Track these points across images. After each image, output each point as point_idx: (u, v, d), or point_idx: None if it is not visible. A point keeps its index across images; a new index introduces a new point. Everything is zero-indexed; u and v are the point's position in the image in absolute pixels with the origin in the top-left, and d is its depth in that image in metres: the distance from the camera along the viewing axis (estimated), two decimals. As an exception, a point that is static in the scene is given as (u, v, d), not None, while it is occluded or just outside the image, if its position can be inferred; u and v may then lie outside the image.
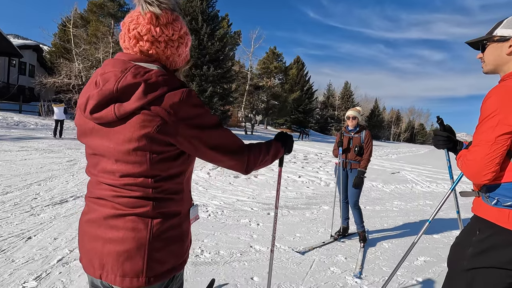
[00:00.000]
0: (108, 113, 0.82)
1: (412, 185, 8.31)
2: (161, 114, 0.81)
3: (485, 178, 1.11)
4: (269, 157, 1.13)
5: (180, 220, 0.94)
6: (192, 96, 0.86)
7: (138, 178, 0.85)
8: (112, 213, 0.86)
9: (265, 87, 32.75)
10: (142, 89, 0.81)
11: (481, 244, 1.14)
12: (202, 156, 0.93)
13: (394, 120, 78.04)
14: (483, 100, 1.15)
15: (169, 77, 0.87)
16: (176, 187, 0.93)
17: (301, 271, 2.73)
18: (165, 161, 0.87)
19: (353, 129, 3.67)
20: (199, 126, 0.87)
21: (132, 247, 0.84)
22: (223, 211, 4.36)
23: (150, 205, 0.86)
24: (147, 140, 0.82)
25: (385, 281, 2.43)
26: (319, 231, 3.90)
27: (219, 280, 2.44)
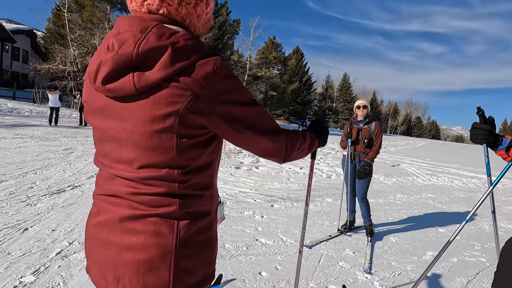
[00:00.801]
0: (125, 84, 0.65)
1: (413, 178, 8.27)
2: (192, 87, 0.65)
3: None
4: (306, 146, 0.96)
5: (209, 221, 0.79)
6: (226, 65, 0.70)
7: (162, 170, 0.70)
8: (129, 213, 0.70)
9: (263, 77, 32.36)
10: (169, 54, 0.64)
11: None
12: (239, 139, 0.76)
13: (392, 113, 78.10)
14: None
15: (199, 43, 0.71)
16: (206, 181, 0.77)
17: (309, 266, 2.64)
18: (195, 148, 0.71)
19: (363, 119, 3.53)
20: (236, 102, 0.71)
21: (155, 255, 0.68)
22: (226, 202, 4.26)
23: (176, 204, 0.71)
24: (175, 120, 0.66)
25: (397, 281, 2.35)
26: (325, 224, 3.82)
27: (226, 275, 2.34)
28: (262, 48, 35.17)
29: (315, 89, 50.57)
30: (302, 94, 43.34)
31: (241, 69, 29.84)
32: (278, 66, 37.10)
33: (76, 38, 20.01)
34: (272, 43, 35.74)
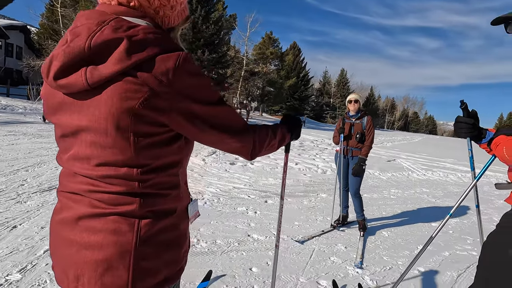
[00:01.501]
0: (77, 79, 0.62)
1: (408, 172, 8.30)
2: (149, 83, 0.62)
3: None
4: (276, 142, 0.96)
5: (176, 219, 0.77)
6: (191, 61, 0.67)
7: (121, 168, 0.67)
8: (88, 212, 0.68)
9: (260, 73, 32.24)
10: (124, 47, 0.61)
11: None
12: (203, 138, 0.75)
13: (389, 108, 78.26)
14: None
15: (163, 37, 0.68)
16: (171, 180, 0.75)
17: (300, 261, 2.64)
18: (155, 147, 0.69)
19: (355, 114, 3.52)
20: (200, 101, 0.69)
21: (113, 254, 0.67)
22: (219, 198, 4.24)
23: (136, 203, 0.69)
24: (130, 117, 0.63)
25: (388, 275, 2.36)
26: (318, 219, 3.82)
27: (216, 271, 2.33)
28: (259, 43, 34.99)
29: (312, 84, 50.48)
30: (300, 89, 43.22)
31: (237, 64, 29.70)
32: (275, 62, 36.96)
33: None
34: (269, 38, 35.55)
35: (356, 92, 51.38)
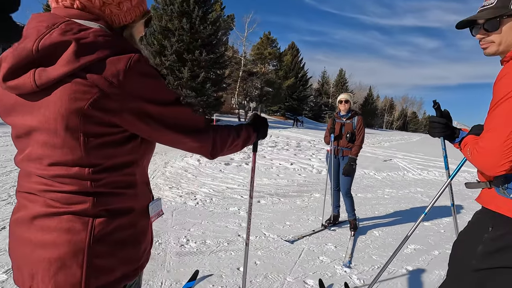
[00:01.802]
0: (26, 81, 0.63)
1: (403, 172, 8.32)
2: (99, 84, 0.63)
3: (502, 168, 0.96)
4: (240, 141, 0.98)
5: (133, 218, 0.78)
6: (143, 63, 0.68)
7: (72, 168, 0.68)
8: (43, 211, 0.69)
9: (259, 73, 32.24)
10: (73, 49, 0.62)
11: (495, 242, 1.02)
12: (159, 138, 0.76)
13: (388, 108, 78.39)
14: (496, 79, 1.00)
15: (114, 39, 0.69)
16: (126, 180, 0.76)
17: (289, 261, 2.65)
18: (106, 147, 0.70)
19: (345, 114, 3.53)
20: (154, 101, 0.70)
21: (67, 252, 0.68)
22: (211, 199, 4.25)
23: (89, 202, 0.70)
24: (79, 117, 0.65)
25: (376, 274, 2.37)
26: (310, 219, 3.83)
27: (204, 271, 2.34)
28: (257, 43, 35.00)
29: (311, 84, 50.52)
30: (298, 90, 43.25)
31: (235, 65, 29.71)
32: (274, 62, 36.97)
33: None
34: (267, 38, 35.57)
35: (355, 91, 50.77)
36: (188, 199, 4.12)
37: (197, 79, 19.36)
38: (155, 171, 5.64)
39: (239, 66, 29.87)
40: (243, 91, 31.05)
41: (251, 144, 1.15)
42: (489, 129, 1.00)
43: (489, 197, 1.09)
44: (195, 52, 19.45)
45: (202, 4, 20.71)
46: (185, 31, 19.45)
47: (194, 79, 19.43)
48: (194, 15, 19.67)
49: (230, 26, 30.88)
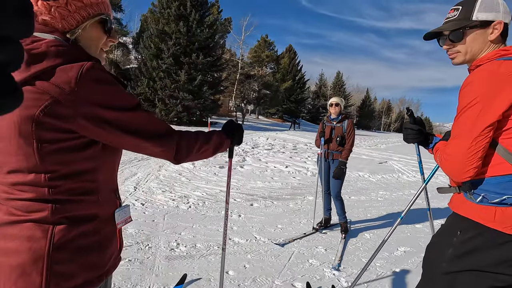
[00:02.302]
0: None
1: (398, 174, 8.36)
2: (50, 91, 0.65)
3: (467, 175, 0.99)
4: (209, 147, 0.98)
5: (97, 225, 0.79)
6: (97, 69, 0.70)
7: (28, 175, 0.70)
8: (6, 219, 0.71)
9: (256, 76, 32.36)
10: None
11: (464, 246, 1.04)
12: (119, 143, 0.77)
13: (385, 110, 78.73)
14: (461, 87, 1.03)
15: (68, 49, 0.71)
16: (86, 186, 0.77)
17: (278, 264, 2.67)
18: (62, 153, 0.71)
19: (336, 117, 3.56)
20: (110, 106, 0.71)
21: (26, 260, 0.69)
22: (204, 202, 4.26)
23: (48, 209, 0.71)
24: (31, 124, 0.66)
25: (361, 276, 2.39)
26: (302, 222, 3.85)
27: (192, 275, 2.35)
28: (255, 46, 35.16)
29: (308, 87, 50.72)
30: (296, 92, 43.39)
31: (233, 68, 29.81)
32: (271, 65, 37.13)
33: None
34: (265, 41, 35.74)
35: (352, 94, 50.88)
36: (180, 203, 4.13)
37: (194, 82, 19.40)
38: (149, 175, 5.65)
39: (237, 69, 29.97)
40: (240, 94, 31.13)
41: (225, 150, 1.16)
42: (454, 136, 1.03)
43: (459, 202, 1.12)
44: (192, 55, 19.52)
45: (199, 8, 20.81)
46: (182, 34, 19.52)
47: (191, 82, 19.47)
48: (191, 18, 19.76)
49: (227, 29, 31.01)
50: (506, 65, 0.98)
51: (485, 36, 1.07)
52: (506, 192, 0.97)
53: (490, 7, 1.06)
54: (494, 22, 1.05)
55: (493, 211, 1.00)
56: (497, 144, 0.99)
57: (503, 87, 0.94)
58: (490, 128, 0.96)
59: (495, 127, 0.97)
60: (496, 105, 0.94)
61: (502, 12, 1.05)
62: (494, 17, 1.05)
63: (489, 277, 1.00)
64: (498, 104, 0.94)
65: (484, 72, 0.99)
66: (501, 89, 0.94)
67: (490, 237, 0.99)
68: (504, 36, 1.08)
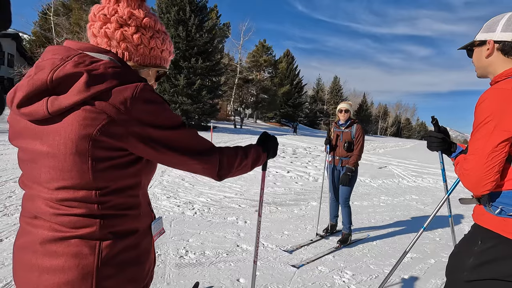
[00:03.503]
0: (39, 108, 0.67)
1: (398, 179, 8.41)
2: (107, 111, 0.68)
3: (485, 188, 1.04)
4: (248, 162, 1.00)
5: (137, 239, 0.80)
6: (149, 91, 0.73)
7: (79, 191, 0.71)
8: (50, 236, 0.71)
9: (254, 80, 32.50)
10: (84, 80, 0.67)
11: (484, 255, 1.08)
12: (165, 160, 0.79)
13: (382, 114, 79.29)
14: (476, 104, 1.09)
15: (123, 70, 0.74)
16: (130, 201, 0.79)
17: (288, 271, 2.67)
18: (113, 170, 0.73)
19: (344, 123, 3.53)
20: (159, 126, 0.74)
21: (76, 277, 0.70)
22: (209, 208, 4.26)
23: (96, 225, 0.73)
24: (88, 142, 0.68)
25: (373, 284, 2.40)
26: (307, 228, 3.86)
27: (204, 282, 2.35)
28: (253, 51, 35.36)
29: (306, 91, 51.04)
30: (293, 96, 43.63)
31: (231, 72, 29.91)
32: (269, 69, 37.34)
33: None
34: (263, 46, 35.97)
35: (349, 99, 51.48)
36: (186, 209, 4.12)
37: (193, 86, 19.45)
38: (152, 180, 5.63)
39: (235, 73, 30.08)
40: (238, 98, 31.22)
41: (262, 164, 1.17)
42: (471, 152, 1.08)
43: (479, 213, 1.17)
44: (191, 60, 19.59)
45: (198, 13, 20.95)
46: (181, 38, 19.60)
47: (190, 86, 19.50)
48: (190, 23, 19.87)
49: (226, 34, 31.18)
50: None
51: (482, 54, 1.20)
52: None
53: (487, 28, 1.19)
54: (487, 41, 1.17)
55: (511, 223, 1.03)
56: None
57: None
58: (505, 144, 1.01)
59: (510, 143, 1.02)
60: (508, 122, 0.99)
61: (499, 31, 1.14)
62: (486, 37, 1.18)
63: (509, 287, 1.02)
64: (510, 121, 0.99)
65: (498, 91, 1.05)
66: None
67: (509, 247, 1.03)
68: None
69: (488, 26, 1.18)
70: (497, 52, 1.15)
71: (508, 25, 1.13)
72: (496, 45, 1.15)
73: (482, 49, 1.20)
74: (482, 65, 1.22)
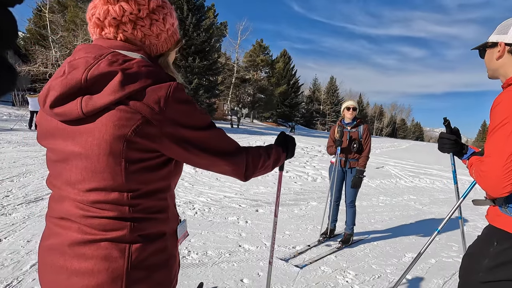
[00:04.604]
0: (72, 108, 0.66)
1: (396, 180, 8.47)
2: (142, 111, 0.66)
3: (505, 190, 1.03)
4: (270, 163, 0.99)
5: (165, 242, 0.79)
6: (181, 90, 0.72)
7: (111, 193, 0.70)
8: (79, 238, 0.69)
9: (251, 80, 32.46)
10: (119, 79, 0.65)
11: (499, 256, 1.08)
12: (195, 161, 0.78)
13: (377, 115, 79.80)
14: (492, 106, 1.10)
15: (155, 69, 0.73)
16: (160, 204, 0.78)
17: (291, 271, 2.66)
18: (145, 172, 0.72)
19: (350, 122, 3.40)
20: (191, 126, 0.73)
21: (105, 280, 0.68)
22: (210, 208, 4.24)
23: (127, 228, 0.71)
24: (122, 143, 0.67)
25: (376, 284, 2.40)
26: (308, 228, 3.86)
27: (208, 283, 2.33)
28: (250, 51, 35.31)
29: (302, 91, 51.11)
30: (290, 96, 43.69)
31: (228, 72, 29.84)
32: (266, 69, 37.32)
33: (58, 39, 19.50)
34: (260, 46, 35.94)
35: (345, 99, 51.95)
36: (186, 209, 4.09)
37: (190, 86, 19.35)
38: (150, 180, 5.58)
39: (232, 73, 30.02)
40: (235, 98, 31.17)
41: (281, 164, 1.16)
42: (489, 154, 1.07)
43: (494, 214, 1.16)
44: (188, 59, 19.50)
45: (196, 12, 20.85)
46: (179, 37, 19.50)
47: (187, 85, 19.41)
48: (187, 22, 19.77)
49: (223, 33, 31.09)
50: None
51: (493, 55, 1.21)
52: None
53: (500, 30, 1.20)
54: (499, 43, 1.18)
55: None
56: None
57: None
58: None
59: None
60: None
61: (510, 34, 1.15)
62: (498, 39, 1.19)
63: None
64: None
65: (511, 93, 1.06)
66: None
67: None
68: None
69: (501, 28, 1.19)
70: (508, 55, 1.16)
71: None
72: (507, 47, 1.16)
73: (493, 51, 1.21)
74: (493, 66, 1.23)
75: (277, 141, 1.15)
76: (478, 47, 1.30)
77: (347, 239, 3.41)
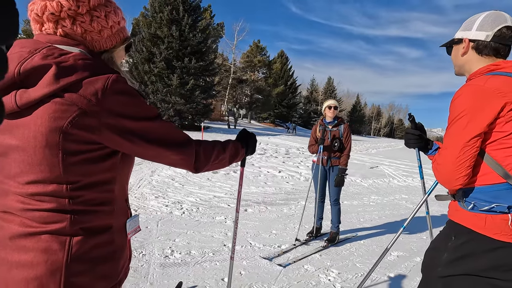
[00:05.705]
0: (7, 101, 0.66)
1: (389, 179, 8.49)
2: (78, 103, 0.67)
3: (457, 183, 1.05)
4: (226, 156, 0.99)
5: (111, 236, 0.79)
6: (121, 82, 0.72)
7: (49, 185, 0.70)
8: (20, 231, 0.70)
9: (248, 80, 32.49)
10: (53, 72, 0.66)
11: (457, 251, 1.09)
12: (142, 153, 0.78)
13: (375, 115, 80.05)
14: (452, 99, 1.11)
15: (94, 62, 0.73)
16: (104, 197, 0.77)
17: (274, 270, 2.66)
18: (85, 164, 0.72)
19: (331, 121, 3.46)
20: (134, 117, 0.73)
21: (44, 272, 0.69)
22: (198, 208, 4.23)
23: (67, 220, 0.71)
24: (58, 135, 0.67)
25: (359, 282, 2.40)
26: (296, 227, 3.85)
27: (188, 282, 2.33)
28: (247, 51, 35.33)
29: (300, 92, 51.22)
30: (287, 97, 43.74)
31: (225, 72, 29.85)
32: (263, 70, 37.34)
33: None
34: (257, 46, 35.96)
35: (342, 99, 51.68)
36: (174, 209, 4.09)
37: (186, 86, 19.33)
38: (141, 180, 5.57)
39: (229, 74, 30.04)
40: (232, 98, 31.18)
41: (240, 160, 1.16)
42: (445, 147, 1.09)
43: (453, 209, 1.17)
44: (184, 60, 19.47)
45: (192, 12, 20.84)
46: (175, 38, 19.48)
47: (183, 86, 19.38)
48: (183, 22, 19.76)
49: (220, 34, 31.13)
50: (492, 81, 1.05)
51: (459, 52, 1.22)
52: (495, 201, 1.03)
53: (465, 26, 1.21)
54: (463, 39, 1.19)
55: (484, 218, 1.05)
56: (485, 154, 1.05)
57: (487, 102, 1.02)
58: (476, 139, 1.02)
59: (481, 138, 1.04)
60: (480, 118, 1.01)
61: (474, 30, 1.16)
62: (463, 35, 1.19)
63: (482, 282, 1.04)
64: (482, 117, 1.01)
65: (471, 87, 1.07)
66: (486, 104, 1.02)
67: (482, 243, 1.04)
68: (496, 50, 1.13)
69: (465, 25, 1.20)
70: (472, 51, 1.17)
71: (483, 24, 1.14)
72: (471, 43, 1.16)
73: (459, 47, 1.22)
74: (459, 63, 1.24)
75: (237, 137, 1.16)
76: (445, 44, 1.30)
77: (333, 237, 3.41)
